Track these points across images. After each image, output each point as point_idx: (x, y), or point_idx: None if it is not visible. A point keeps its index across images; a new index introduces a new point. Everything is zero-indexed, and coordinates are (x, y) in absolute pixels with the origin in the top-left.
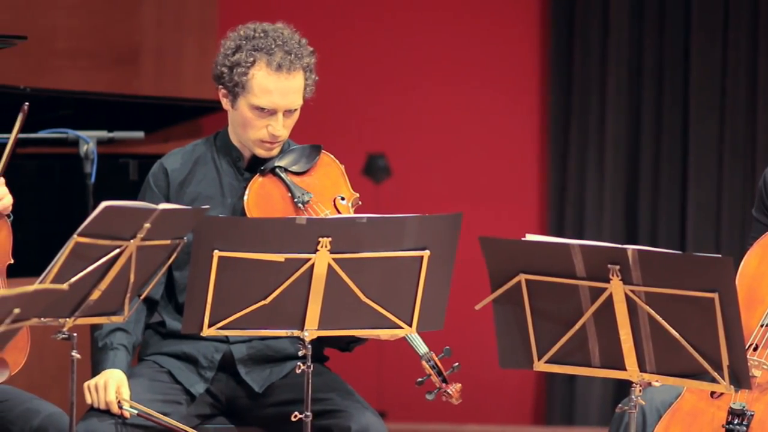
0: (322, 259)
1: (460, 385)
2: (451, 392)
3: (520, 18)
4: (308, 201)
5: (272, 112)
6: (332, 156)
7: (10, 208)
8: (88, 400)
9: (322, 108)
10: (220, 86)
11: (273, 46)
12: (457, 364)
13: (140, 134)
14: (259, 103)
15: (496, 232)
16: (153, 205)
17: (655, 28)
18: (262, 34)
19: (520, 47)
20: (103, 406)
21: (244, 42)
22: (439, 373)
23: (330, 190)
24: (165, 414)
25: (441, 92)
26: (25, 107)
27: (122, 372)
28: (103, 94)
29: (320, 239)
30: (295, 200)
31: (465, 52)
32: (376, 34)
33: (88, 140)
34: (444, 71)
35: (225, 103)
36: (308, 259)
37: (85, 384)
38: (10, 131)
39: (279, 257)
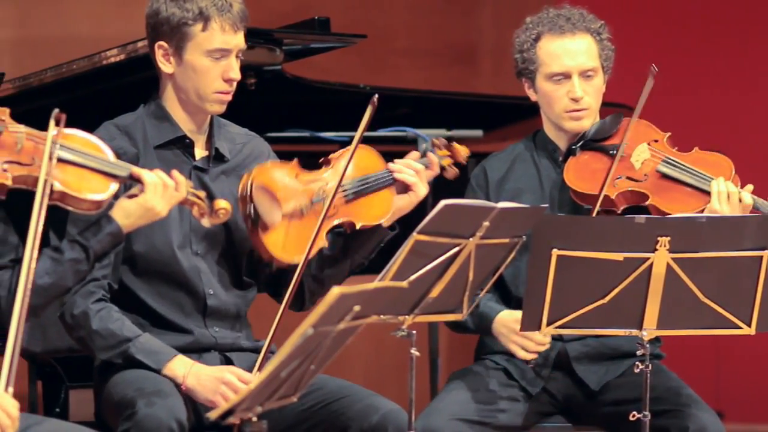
0: (661, 259)
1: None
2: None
3: None
4: (620, 150)
5: (568, 76)
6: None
7: None
8: None
9: (669, 105)
10: (523, 79)
11: (554, 18)
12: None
13: (478, 133)
14: (552, 70)
15: None
16: (492, 204)
17: None
18: (544, 15)
19: None
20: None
21: (526, 30)
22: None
23: (641, 137)
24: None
25: None
26: (375, 99)
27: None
28: (441, 92)
29: (659, 239)
30: (610, 152)
31: None
32: (716, 33)
33: (427, 138)
34: None
35: (531, 95)
36: (647, 259)
37: None
38: (353, 128)
39: (618, 256)
